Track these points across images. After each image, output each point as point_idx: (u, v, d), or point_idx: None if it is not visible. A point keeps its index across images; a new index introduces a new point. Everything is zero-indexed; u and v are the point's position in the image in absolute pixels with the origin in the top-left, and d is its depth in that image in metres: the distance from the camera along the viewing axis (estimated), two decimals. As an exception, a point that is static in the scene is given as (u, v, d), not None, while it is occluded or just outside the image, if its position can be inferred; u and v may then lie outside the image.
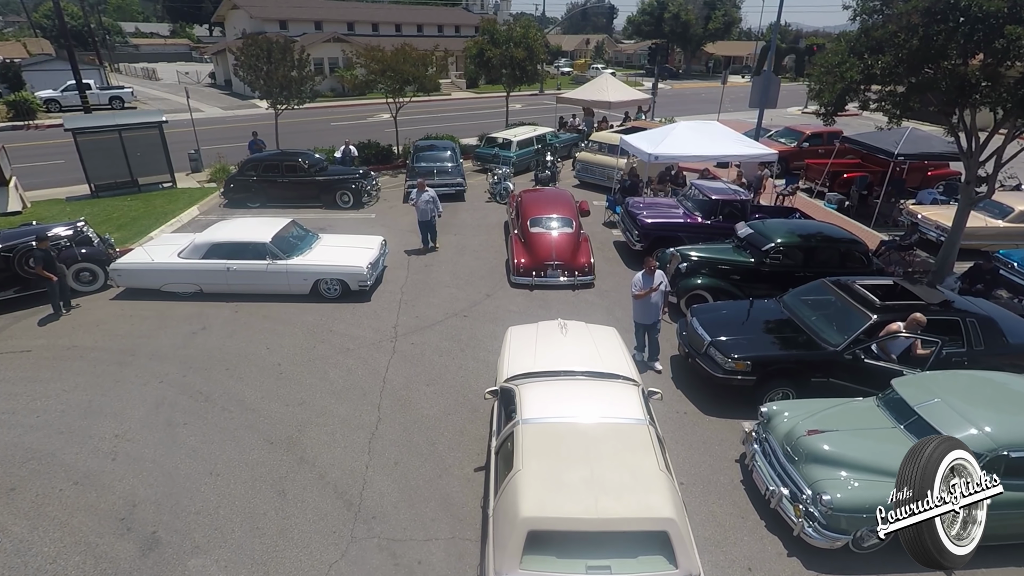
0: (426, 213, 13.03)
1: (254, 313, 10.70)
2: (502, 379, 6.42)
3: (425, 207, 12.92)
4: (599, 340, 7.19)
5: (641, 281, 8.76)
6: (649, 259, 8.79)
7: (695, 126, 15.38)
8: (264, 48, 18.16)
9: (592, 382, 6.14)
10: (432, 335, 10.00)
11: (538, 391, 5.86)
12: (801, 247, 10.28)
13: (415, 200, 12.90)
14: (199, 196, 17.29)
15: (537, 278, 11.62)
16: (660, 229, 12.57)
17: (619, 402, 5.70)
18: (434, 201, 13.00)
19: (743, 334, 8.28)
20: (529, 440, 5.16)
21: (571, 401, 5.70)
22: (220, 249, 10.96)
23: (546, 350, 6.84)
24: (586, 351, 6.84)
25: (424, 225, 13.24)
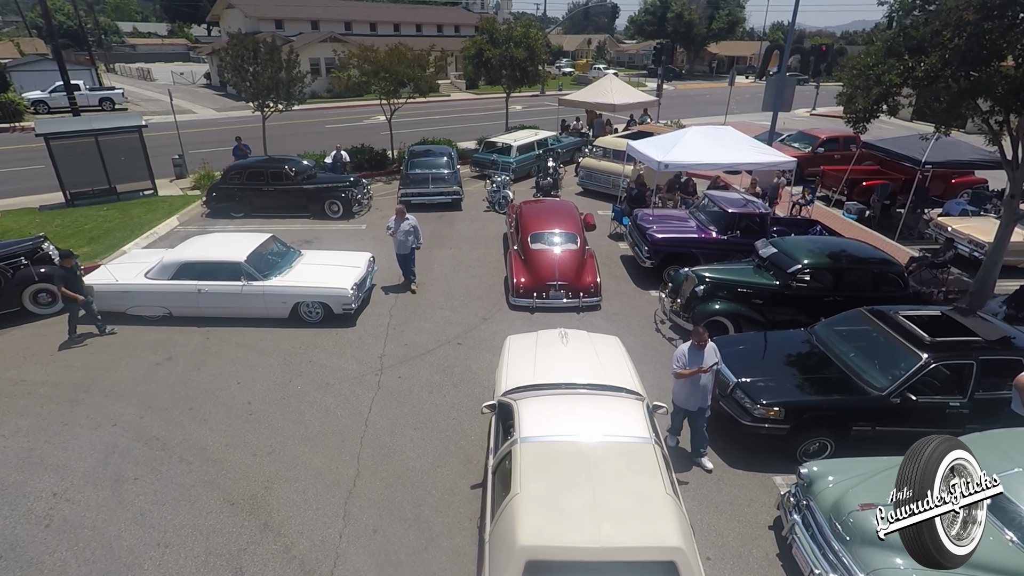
0: (404, 245, 11.16)
1: (227, 340, 9.72)
2: (500, 392, 6.10)
3: (404, 238, 11.05)
4: (601, 350, 6.85)
5: (687, 356, 6.71)
6: (700, 331, 6.67)
7: (708, 131, 14.39)
8: (250, 48, 17.17)
9: (594, 397, 5.79)
10: (422, 367, 9.01)
11: (537, 406, 5.56)
12: (830, 268, 9.29)
13: (392, 229, 10.99)
14: (180, 205, 16.32)
15: (538, 300, 10.64)
16: (672, 245, 11.58)
17: (623, 418, 5.40)
18: (415, 232, 11.12)
19: (772, 374, 7.30)
20: (528, 460, 4.87)
21: (572, 417, 5.40)
22: (190, 269, 9.98)
23: (546, 361, 6.55)
24: (588, 362, 6.54)
25: (403, 260, 11.45)
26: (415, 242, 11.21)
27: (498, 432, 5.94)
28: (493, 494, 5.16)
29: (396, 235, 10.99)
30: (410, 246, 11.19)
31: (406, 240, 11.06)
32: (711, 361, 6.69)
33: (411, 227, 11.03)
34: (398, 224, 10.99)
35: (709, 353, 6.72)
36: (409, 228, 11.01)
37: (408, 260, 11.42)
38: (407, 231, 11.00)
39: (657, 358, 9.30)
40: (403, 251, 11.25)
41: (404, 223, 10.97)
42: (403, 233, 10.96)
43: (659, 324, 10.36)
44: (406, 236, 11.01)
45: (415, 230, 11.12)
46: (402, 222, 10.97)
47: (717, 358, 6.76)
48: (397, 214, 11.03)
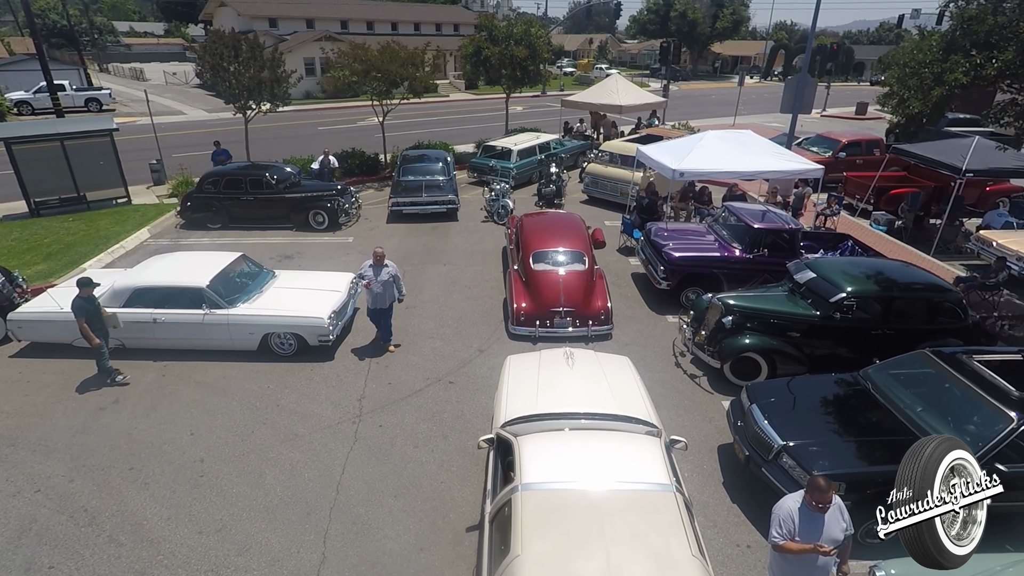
0: (383, 299, 8.72)
1: (185, 377, 8.49)
2: (499, 421, 5.65)
3: (383, 290, 8.66)
4: (611, 373, 6.37)
5: (796, 520, 4.32)
6: (823, 484, 4.27)
7: (726, 136, 13.14)
8: (230, 46, 15.94)
9: (606, 434, 5.27)
10: (407, 412, 7.77)
11: (541, 445, 5.04)
12: (879, 297, 8.05)
13: (367, 277, 8.53)
14: (153, 215, 15.09)
15: (542, 328, 9.40)
16: (691, 264, 10.35)
17: (639, 460, 4.85)
18: (395, 281, 8.80)
19: (824, 433, 6.06)
20: (530, 513, 4.32)
21: (581, 459, 4.84)
22: (145, 295, 8.75)
23: (550, 386, 6.08)
24: (597, 387, 6.06)
25: (377, 315, 8.95)
26: (397, 294, 8.92)
27: (496, 470, 5.34)
28: (490, 548, 4.58)
29: (373, 286, 8.57)
30: (390, 300, 8.87)
31: (385, 293, 8.71)
32: (837, 531, 4.32)
33: (391, 276, 8.70)
34: (376, 272, 8.59)
35: (834, 518, 4.35)
36: (389, 277, 8.68)
37: (386, 316, 9.00)
38: (386, 281, 8.65)
39: (679, 399, 8.08)
40: (381, 305, 8.79)
41: (383, 271, 8.65)
42: (381, 283, 8.62)
43: (679, 356, 9.13)
44: (385, 288, 8.67)
45: (396, 280, 8.80)
46: (381, 269, 8.64)
47: (846, 523, 4.40)
48: (374, 259, 8.64)
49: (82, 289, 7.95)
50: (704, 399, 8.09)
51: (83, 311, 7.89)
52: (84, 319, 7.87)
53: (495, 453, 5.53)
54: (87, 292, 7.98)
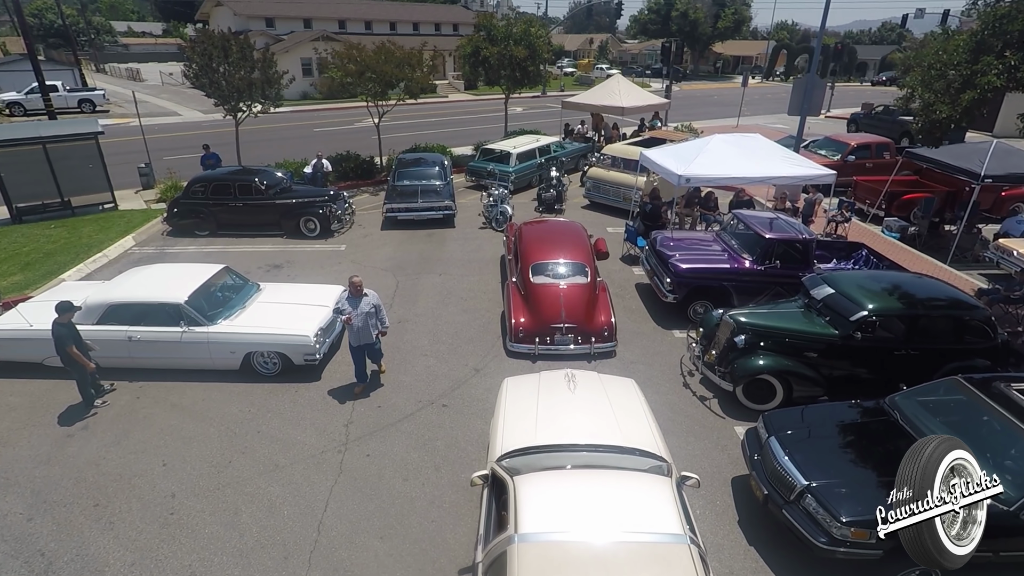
0: (366, 333, 7.70)
1: (161, 400, 7.96)
2: (495, 455, 5.25)
3: (364, 323, 7.65)
4: (616, 398, 5.97)
5: None
6: None
7: (733, 140, 12.61)
8: (219, 46, 15.41)
9: (611, 474, 4.89)
10: (397, 439, 7.24)
11: (540, 487, 4.64)
12: (903, 316, 7.51)
13: (347, 311, 7.61)
14: (139, 221, 14.57)
15: (542, 346, 8.87)
16: (699, 276, 9.82)
17: (649, 506, 4.45)
18: (377, 312, 7.81)
19: (851, 472, 5.54)
20: (528, 567, 3.91)
21: (584, 505, 4.42)
22: (120, 312, 8.23)
23: (551, 414, 5.68)
24: (601, 415, 5.65)
25: (361, 352, 7.93)
26: (380, 325, 7.92)
27: (491, 512, 4.88)
28: None
29: (354, 320, 7.59)
30: (374, 332, 7.86)
31: (367, 326, 7.68)
32: None
33: (372, 306, 7.71)
34: (355, 304, 7.63)
35: None
36: (370, 308, 7.68)
37: (373, 349, 8.04)
38: (368, 312, 7.66)
39: (688, 424, 7.55)
40: (366, 340, 7.76)
41: (363, 301, 7.67)
42: (362, 316, 7.62)
43: (687, 376, 8.59)
44: (366, 320, 7.66)
45: (378, 310, 7.81)
46: (360, 300, 7.66)
47: None
48: (351, 289, 7.67)
49: (62, 315, 7.41)
50: (715, 424, 7.56)
51: (70, 338, 7.40)
52: (72, 345, 7.37)
53: (490, 491, 5.10)
54: (67, 318, 7.46)
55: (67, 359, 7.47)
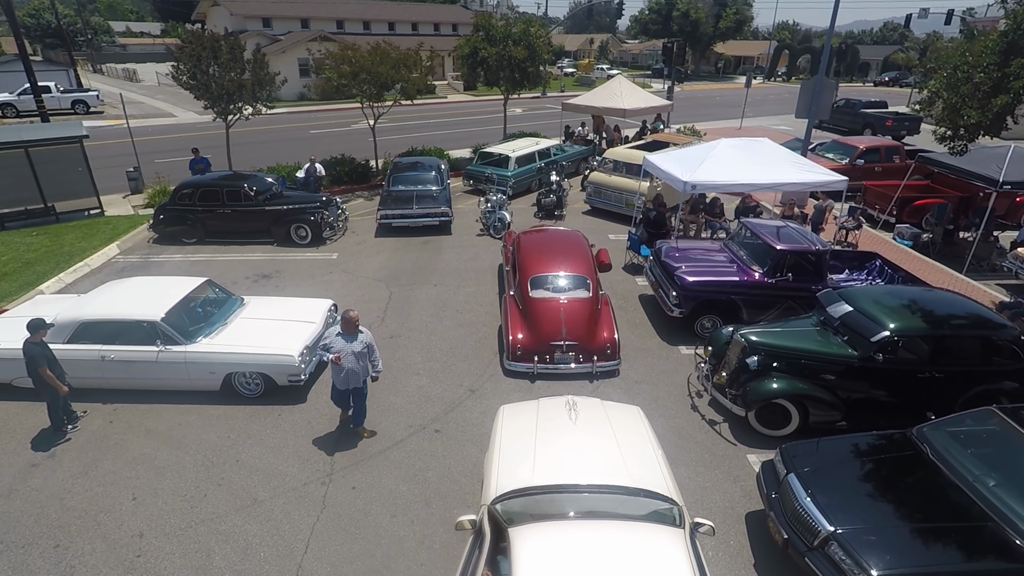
0: (355, 376, 6.74)
1: (135, 424, 7.48)
2: (489, 495, 4.81)
3: (356, 364, 6.68)
4: (621, 430, 5.51)
5: None
6: None
7: (741, 145, 12.12)
8: (208, 47, 14.92)
9: (619, 527, 4.42)
10: (386, 469, 6.75)
11: (540, 543, 4.18)
12: (928, 336, 7.02)
13: (336, 350, 6.59)
14: (124, 228, 14.08)
15: (541, 364, 8.38)
16: (706, 290, 9.32)
17: (660, 566, 3.98)
18: (370, 351, 6.85)
19: (880, 515, 5.04)
20: None
21: (589, 565, 3.96)
22: (92, 330, 7.74)
23: (550, 449, 5.23)
24: (605, 451, 5.20)
25: (345, 397, 6.99)
26: (373, 369, 6.95)
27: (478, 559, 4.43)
28: None
29: (344, 360, 6.57)
30: (364, 376, 6.86)
31: (358, 368, 6.71)
32: None
33: (365, 346, 6.75)
34: (348, 341, 6.62)
35: None
36: (363, 348, 6.73)
37: (359, 396, 6.99)
38: (361, 353, 6.69)
39: (697, 452, 7.06)
40: (354, 383, 6.80)
41: (357, 339, 6.69)
42: (353, 357, 6.63)
43: (695, 398, 8.10)
44: (358, 361, 6.69)
45: (371, 350, 6.86)
46: (355, 338, 6.68)
47: None
48: (344, 325, 6.63)
49: (34, 333, 6.93)
50: (726, 452, 7.07)
51: (43, 358, 6.93)
52: (46, 366, 6.91)
53: (475, 541, 4.73)
54: (39, 336, 6.98)
55: (39, 381, 7.00)
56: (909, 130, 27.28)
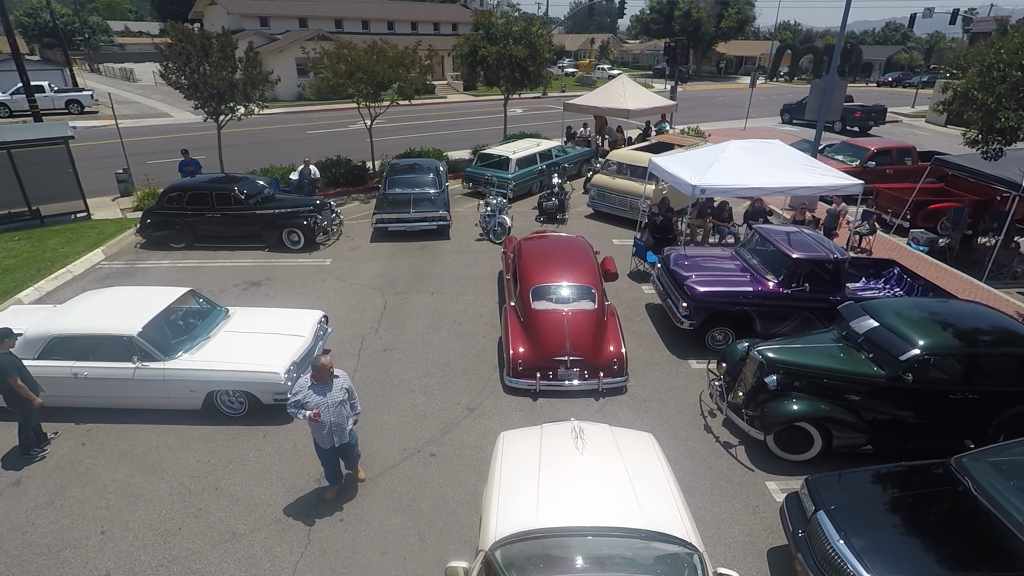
0: (340, 430, 5.74)
1: (109, 447, 6.98)
2: (487, 539, 4.31)
3: (339, 417, 5.69)
4: (632, 461, 4.98)
5: None
6: None
7: (751, 147, 11.63)
8: (198, 45, 14.44)
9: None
10: (376, 499, 6.25)
11: None
12: (961, 354, 6.52)
13: (312, 406, 5.53)
14: (111, 233, 13.58)
15: (543, 381, 7.88)
16: (718, 300, 8.83)
17: None
18: (349, 396, 5.83)
19: (924, 563, 4.53)
20: None
21: None
22: (64, 345, 7.25)
23: (555, 484, 4.73)
24: (615, 486, 4.68)
25: (332, 456, 5.97)
26: (350, 418, 5.92)
27: None
28: None
29: (323, 416, 5.55)
30: (350, 425, 5.92)
31: (341, 420, 5.72)
32: None
33: (345, 390, 5.77)
34: (322, 391, 5.60)
35: None
36: (342, 395, 5.72)
37: (348, 450, 6.07)
38: (339, 401, 5.69)
39: (712, 478, 6.56)
40: (339, 439, 5.80)
41: (334, 386, 5.68)
42: (334, 408, 5.63)
43: (708, 417, 7.60)
44: (340, 412, 5.69)
45: (350, 394, 5.86)
46: (329, 387, 5.65)
47: None
48: (316, 373, 5.59)
49: (1, 342, 6.46)
50: (743, 479, 6.57)
51: (12, 367, 6.50)
52: (17, 376, 6.48)
53: None
54: (7, 346, 6.54)
55: (9, 394, 6.55)
56: (876, 120, 29.73)
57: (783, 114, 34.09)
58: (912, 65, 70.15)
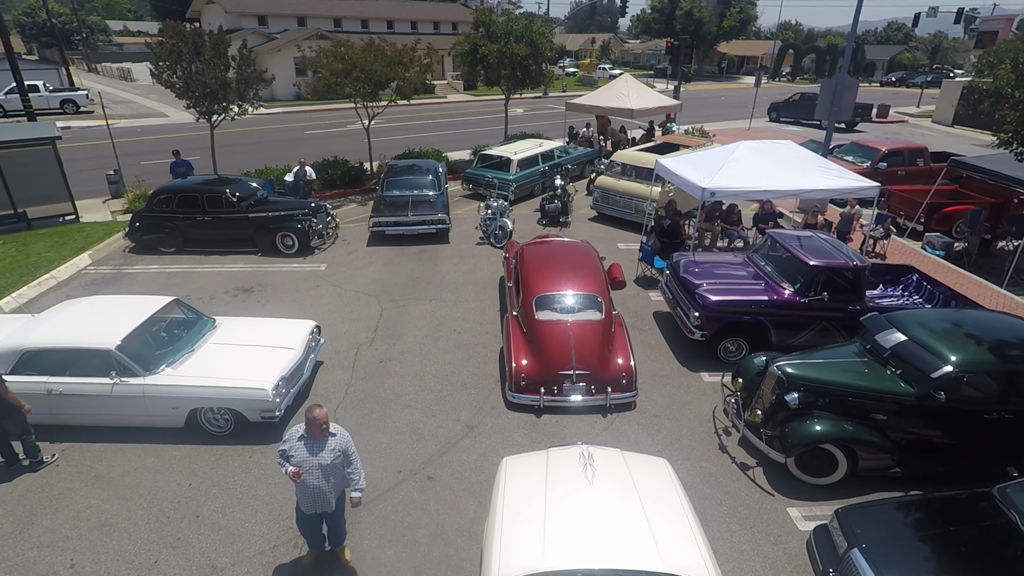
0: (323, 496, 4.81)
1: (84, 469, 6.54)
2: None
3: (326, 481, 4.78)
4: (646, 491, 4.59)
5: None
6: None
7: (762, 148, 11.18)
8: (190, 43, 14.00)
9: None
10: (369, 527, 5.81)
11: None
12: (996, 372, 6.07)
13: (297, 462, 4.68)
14: (99, 236, 13.14)
15: (548, 396, 7.44)
16: (732, 310, 8.38)
17: None
18: (345, 458, 4.88)
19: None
20: None
21: None
22: (38, 359, 6.81)
23: (564, 517, 4.35)
24: (629, 521, 4.30)
25: (314, 524, 5.07)
26: (351, 486, 4.98)
27: None
28: None
29: (306, 476, 4.69)
30: (339, 492, 4.95)
31: (326, 484, 4.79)
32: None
33: (338, 455, 4.81)
34: (313, 448, 4.73)
35: None
36: (335, 457, 4.78)
37: (334, 520, 5.09)
38: (332, 465, 4.77)
39: (729, 504, 6.11)
40: (323, 507, 4.88)
41: (327, 445, 4.78)
42: (320, 472, 4.72)
43: (722, 436, 7.16)
44: (327, 477, 4.76)
45: (347, 457, 4.88)
46: (323, 443, 4.77)
47: None
48: (309, 426, 4.70)
49: None
50: (763, 505, 6.12)
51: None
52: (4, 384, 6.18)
53: None
54: None
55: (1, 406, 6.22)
56: (862, 116, 30.09)
57: (770, 112, 33.86)
58: (915, 65, 69.70)
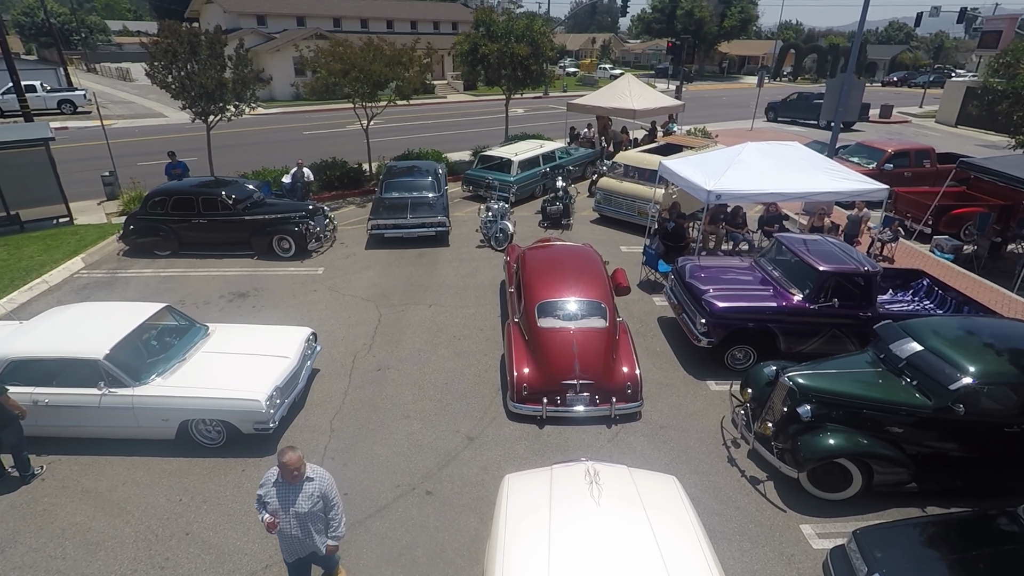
0: (301, 543, 4.46)
1: (71, 484, 6.31)
2: None
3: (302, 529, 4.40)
4: (656, 512, 4.35)
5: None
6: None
7: (769, 150, 10.96)
8: (185, 42, 13.78)
9: None
10: (365, 545, 5.58)
11: None
12: (1016, 383, 5.85)
13: (268, 508, 4.33)
14: (93, 239, 12.91)
15: (551, 407, 7.21)
16: (739, 317, 8.15)
17: None
18: (324, 503, 4.45)
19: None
20: None
21: None
22: (24, 369, 6.58)
23: (569, 540, 4.10)
24: (639, 545, 4.03)
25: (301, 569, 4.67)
26: (328, 532, 4.58)
27: None
28: None
29: (282, 525, 4.35)
30: (321, 541, 4.54)
31: (307, 532, 4.43)
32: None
33: (318, 496, 4.40)
34: (287, 495, 4.33)
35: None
36: (313, 503, 4.38)
37: (319, 560, 4.73)
38: (309, 514, 4.38)
39: (739, 520, 5.88)
40: (299, 553, 4.53)
41: (303, 490, 4.37)
42: (296, 521, 4.36)
43: (731, 448, 6.93)
44: (306, 524, 4.40)
45: (327, 502, 4.48)
46: (298, 489, 4.36)
47: None
48: (283, 471, 4.27)
49: None
50: (775, 521, 5.90)
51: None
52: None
53: None
54: None
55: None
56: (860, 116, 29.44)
57: (768, 112, 33.70)
58: (917, 64, 69.50)
